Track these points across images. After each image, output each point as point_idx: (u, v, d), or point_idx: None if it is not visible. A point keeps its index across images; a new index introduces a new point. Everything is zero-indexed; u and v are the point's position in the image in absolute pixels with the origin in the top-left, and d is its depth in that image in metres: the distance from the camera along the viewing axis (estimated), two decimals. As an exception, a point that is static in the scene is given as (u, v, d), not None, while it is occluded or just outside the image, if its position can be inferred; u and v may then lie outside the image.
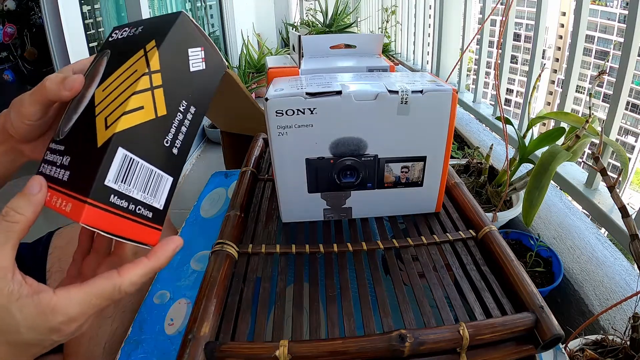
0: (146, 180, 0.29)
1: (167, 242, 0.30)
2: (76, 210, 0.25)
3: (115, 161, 0.26)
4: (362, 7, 3.90)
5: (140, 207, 0.29)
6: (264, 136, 0.66)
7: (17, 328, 0.25)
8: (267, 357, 0.29)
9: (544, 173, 0.61)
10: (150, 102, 0.28)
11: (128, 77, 0.28)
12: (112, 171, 0.26)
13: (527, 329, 0.32)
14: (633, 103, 25.26)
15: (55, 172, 0.28)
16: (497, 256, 0.38)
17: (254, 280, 0.38)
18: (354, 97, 0.39)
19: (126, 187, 0.27)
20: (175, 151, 0.30)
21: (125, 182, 0.27)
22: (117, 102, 0.27)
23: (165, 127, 0.29)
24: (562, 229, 0.84)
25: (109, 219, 0.27)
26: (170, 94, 0.29)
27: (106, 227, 0.27)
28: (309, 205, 0.45)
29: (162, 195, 0.30)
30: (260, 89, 2.44)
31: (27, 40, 1.84)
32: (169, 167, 0.30)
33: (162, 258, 0.29)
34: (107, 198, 0.26)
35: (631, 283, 0.68)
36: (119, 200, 0.27)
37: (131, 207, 0.28)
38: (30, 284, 0.25)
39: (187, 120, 0.30)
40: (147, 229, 0.29)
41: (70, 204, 0.26)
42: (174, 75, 0.29)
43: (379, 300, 0.35)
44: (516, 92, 27.71)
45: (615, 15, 25.40)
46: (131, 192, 0.28)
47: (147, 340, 0.44)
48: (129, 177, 0.27)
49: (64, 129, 0.29)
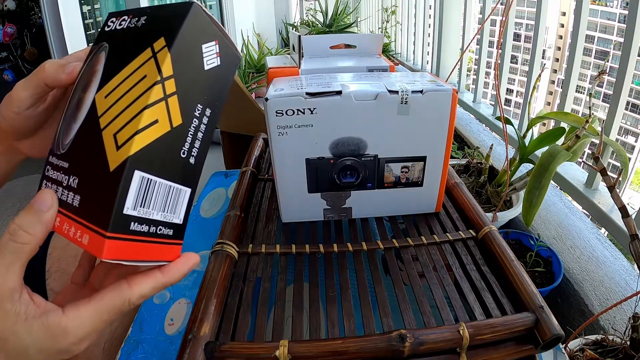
0: (165, 198, 0.26)
1: (185, 260, 0.29)
2: (95, 244, 0.23)
3: (132, 186, 0.24)
4: (362, 7, 3.90)
5: (161, 228, 0.26)
6: (264, 136, 0.66)
7: (25, 350, 0.24)
8: (267, 357, 0.29)
9: (544, 173, 0.61)
10: (165, 113, 0.25)
11: (136, 84, 0.25)
12: (130, 198, 0.24)
13: (527, 329, 0.32)
14: (633, 103, 25.26)
15: (63, 194, 0.25)
16: (497, 256, 0.38)
17: (254, 280, 0.38)
18: (354, 97, 0.39)
19: (145, 210, 0.25)
20: (192, 160, 0.27)
21: (144, 205, 0.25)
22: (126, 117, 0.24)
23: (181, 137, 0.26)
24: (562, 229, 0.84)
25: (130, 247, 0.24)
26: (185, 100, 0.26)
27: (128, 256, 0.24)
28: (309, 205, 0.45)
29: (181, 210, 0.28)
30: (260, 89, 2.44)
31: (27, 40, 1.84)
32: (186, 178, 0.27)
33: (177, 275, 0.28)
34: (127, 227, 0.24)
35: (631, 283, 0.68)
36: (139, 226, 0.25)
37: (152, 229, 0.26)
38: (38, 304, 0.24)
39: (203, 125, 0.27)
40: (168, 247, 0.27)
41: (88, 235, 0.24)
42: (188, 78, 0.26)
43: (379, 300, 0.35)
44: (516, 92, 27.70)
45: (615, 15, 25.40)
46: (151, 214, 0.25)
47: (147, 340, 0.44)
48: (147, 199, 0.25)
49: (64, 142, 0.27)
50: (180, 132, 0.26)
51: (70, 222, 0.25)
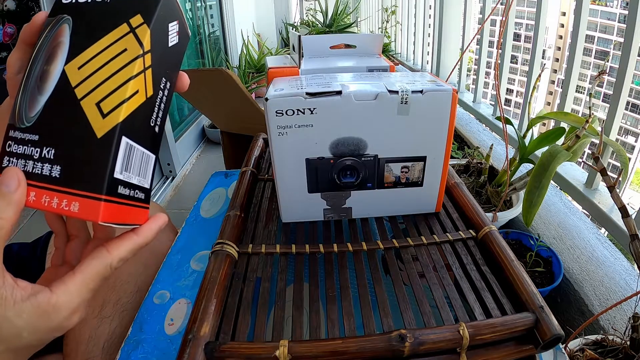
0: (140, 163, 0.28)
1: (155, 219, 0.31)
2: (89, 210, 0.24)
3: (120, 152, 0.25)
4: (362, 7, 3.90)
5: (137, 191, 0.28)
6: (264, 136, 0.66)
7: (18, 333, 0.24)
8: (267, 357, 0.29)
9: (544, 173, 0.61)
10: (143, 84, 0.27)
11: (115, 56, 0.26)
12: (119, 162, 0.25)
13: (527, 329, 0.32)
14: (633, 103, 25.27)
15: (35, 167, 0.25)
16: (497, 256, 0.38)
17: (254, 280, 0.38)
18: (354, 97, 0.39)
19: (128, 175, 0.27)
20: (157, 129, 0.30)
21: (127, 170, 0.27)
22: (109, 87, 0.25)
23: (152, 107, 0.29)
24: (562, 229, 0.84)
25: (119, 210, 0.26)
26: (156, 73, 0.28)
27: (117, 219, 0.26)
28: (309, 205, 0.45)
29: (149, 175, 0.30)
30: (260, 89, 2.44)
31: (27, 40, 1.84)
32: (154, 145, 0.30)
33: (150, 234, 0.30)
34: (116, 190, 0.26)
35: (631, 283, 0.68)
36: (124, 189, 0.26)
37: (132, 193, 0.28)
38: (23, 287, 0.24)
39: (165, 97, 0.30)
40: (140, 210, 0.29)
41: (77, 203, 0.24)
42: (159, 53, 0.28)
43: (379, 300, 0.35)
44: (516, 92, 27.71)
45: (615, 15, 25.41)
46: (131, 179, 0.27)
47: (147, 340, 0.44)
48: (130, 164, 0.27)
49: (29, 115, 0.26)
50: (151, 103, 0.28)
51: (51, 194, 0.25)
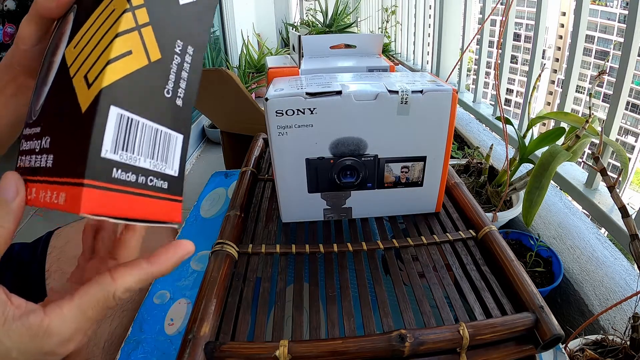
0: (152, 142, 0.23)
1: (174, 247, 0.25)
2: (72, 199, 0.20)
3: (109, 124, 0.21)
4: (362, 7, 3.90)
5: (152, 178, 0.23)
6: (264, 136, 0.66)
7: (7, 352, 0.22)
8: (267, 357, 0.29)
9: (544, 173, 0.61)
10: (140, 44, 0.23)
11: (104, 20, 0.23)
12: (107, 138, 0.21)
13: (527, 329, 0.32)
14: (633, 103, 25.28)
15: (37, 160, 0.23)
16: (497, 256, 0.38)
17: (254, 280, 0.38)
18: (354, 97, 0.39)
19: (129, 155, 0.22)
20: (179, 102, 0.25)
21: (126, 149, 0.22)
22: (96, 52, 0.22)
23: (163, 74, 0.24)
24: (562, 229, 0.84)
25: (116, 200, 0.21)
26: (161, 32, 0.24)
27: (115, 212, 0.21)
28: (309, 205, 0.45)
29: (174, 159, 0.25)
30: (260, 89, 2.44)
31: (27, 40, 1.84)
32: (176, 123, 0.25)
33: (166, 264, 0.25)
34: (109, 174, 0.21)
35: (631, 283, 0.68)
36: (124, 174, 0.22)
37: (141, 179, 0.23)
38: (17, 305, 0.22)
39: (187, 64, 0.26)
40: (165, 202, 0.24)
41: (64, 193, 0.21)
42: (161, 9, 0.24)
43: (379, 300, 0.35)
44: (516, 92, 27.72)
45: (615, 15, 25.41)
46: (137, 161, 0.23)
47: (147, 340, 0.44)
48: (130, 142, 0.22)
49: (35, 108, 0.25)
50: (161, 68, 0.24)
51: (46, 187, 0.22)
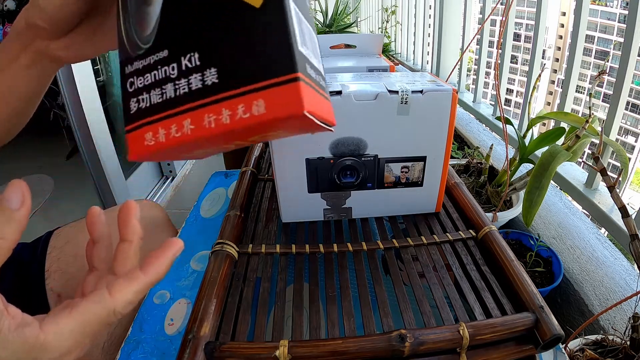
0: (310, 38, 0.21)
1: (163, 250, 0.25)
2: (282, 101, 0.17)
3: (293, 17, 0.18)
4: (362, 7, 3.90)
5: (320, 78, 0.21)
6: (264, 136, 0.65)
7: None
8: (267, 357, 0.29)
9: (544, 173, 0.61)
10: None
11: None
12: (296, 30, 0.18)
13: (527, 329, 0.32)
14: (633, 103, 25.29)
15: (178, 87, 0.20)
16: (497, 256, 0.38)
17: (254, 280, 0.38)
18: (354, 97, 0.39)
19: (307, 51, 0.20)
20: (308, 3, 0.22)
21: (305, 44, 0.19)
22: None
23: None
24: (562, 229, 0.84)
25: (315, 98, 0.19)
26: None
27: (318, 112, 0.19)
28: (309, 205, 0.45)
29: (320, 61, 0.22)
30: (260, 89, 2.43)
31: (27, 40, 1.84)
32: (312, 25, 0.23)
33: (160, 269, 0.25)
34: (305, 69, 0.19)
35: (631, 283, 0.68)
36: (311, 70, 0.19)
37: (317, 79, 0.20)
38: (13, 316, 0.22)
39: None
40: (327, 102, 0.21)
41: (261, 99, 0.18)
42: None
43: (379, 300, 0.35)
44: (516, 92, 27.73)
45: (615, 15, 25.43)
46: (311, 57, 0.20)
47: (147, 340, 0.44)
48: (304, 37, 0.20)
49: (143, 35, 0.21)
50: None
51: (214, 107, 0.19)
